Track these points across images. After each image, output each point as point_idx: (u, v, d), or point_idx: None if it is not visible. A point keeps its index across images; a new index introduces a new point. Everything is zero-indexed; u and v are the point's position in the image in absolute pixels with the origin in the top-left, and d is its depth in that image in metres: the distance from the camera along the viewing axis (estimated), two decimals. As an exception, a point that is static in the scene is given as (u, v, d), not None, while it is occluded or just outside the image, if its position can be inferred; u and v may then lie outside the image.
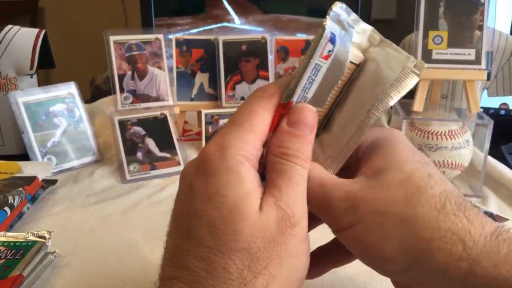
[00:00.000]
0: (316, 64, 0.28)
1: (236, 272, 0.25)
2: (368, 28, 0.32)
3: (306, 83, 0.28)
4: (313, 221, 0.33)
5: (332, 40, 0.28)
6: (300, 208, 0.27)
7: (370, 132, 0.32)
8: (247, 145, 0.27)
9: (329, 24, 0.28)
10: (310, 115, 0.29)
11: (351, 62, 0.31)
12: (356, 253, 0.30)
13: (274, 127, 0.29)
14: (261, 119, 0.28)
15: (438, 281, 0.27)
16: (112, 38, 0.74)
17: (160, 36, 0.77)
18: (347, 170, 0.32)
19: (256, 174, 0.27)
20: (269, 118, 0.28)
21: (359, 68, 0.32)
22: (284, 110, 0.29)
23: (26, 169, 0.66)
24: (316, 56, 0.28)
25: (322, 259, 0.36)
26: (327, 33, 0.27)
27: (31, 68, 0.77)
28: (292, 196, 0.27)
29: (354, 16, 0.31)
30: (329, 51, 0.28)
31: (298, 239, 0.27)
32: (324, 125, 0.33)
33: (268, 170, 0.28)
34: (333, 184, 0.29)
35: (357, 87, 0.32)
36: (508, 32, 0.87)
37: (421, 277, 0.27)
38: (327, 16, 0.28)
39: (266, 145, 0.29)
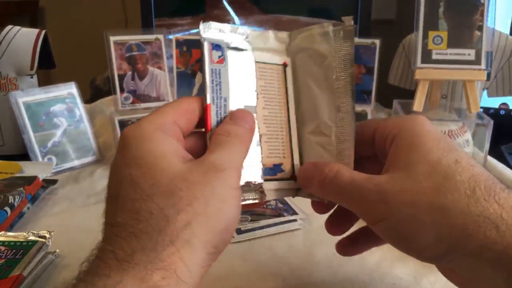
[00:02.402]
0: (211, 69, 0.32)
1: (159, 211, 0.26)
2: (269, 33, 0.36)
3: (213, 86, 0.32)
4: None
5: (216, 48, 0.32)
6: (228, 161, 0.29)
7: (394, 121, 0.33)
8: (161, 119, 0.30)
9: (206, 38, 0.32)
10: (249, 117, 0.32)
11: (267, 63, 0.35)
12: (392, 243, 0.31)
13: (210, 126, 0.31)
14: (176, 103, 0.31)
15: (473, 263, 0.28)
16: (112, 38, 0.74)
17: (160, 36, 0.77)
18: (375, 164, 0.33)
19: (173, 141, 0.29)
20: (186, 103, 0.31)
21: (287, 67, 0.36)
22: (207, 110, 0.32)
23: (27, 169, 0.66)
24: (207, 63, 0.32)
25: (363, 238, 0.37)
26: (206, 46, 0.32)
27: (32, 68, 0.77)
28: (223, 153, 0.29)
29: (229, 26, 0.34)
30: (219, 56, 0.33)
31: (225, 184, 0.28)
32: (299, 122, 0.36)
33: (209, 144, 0.30)
34: (363, 178, 0.31)
35: (304, 79, 0.35)
36: (508, 32, 0.86)
37: (458, 261, 0.28)
38: (201, 33, 0.32)
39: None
